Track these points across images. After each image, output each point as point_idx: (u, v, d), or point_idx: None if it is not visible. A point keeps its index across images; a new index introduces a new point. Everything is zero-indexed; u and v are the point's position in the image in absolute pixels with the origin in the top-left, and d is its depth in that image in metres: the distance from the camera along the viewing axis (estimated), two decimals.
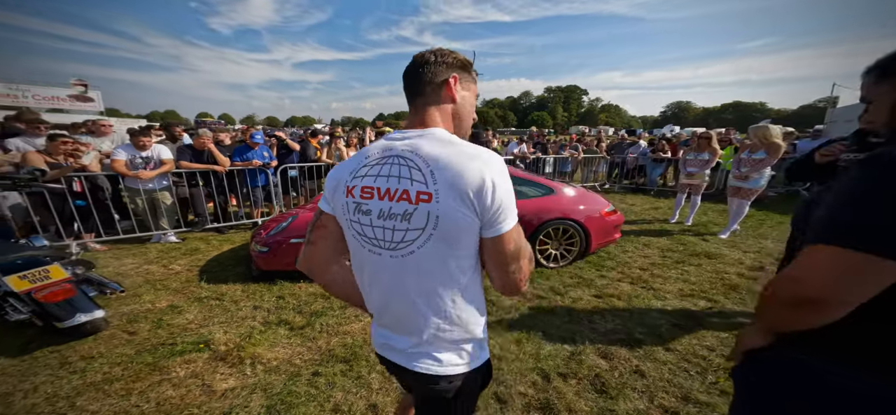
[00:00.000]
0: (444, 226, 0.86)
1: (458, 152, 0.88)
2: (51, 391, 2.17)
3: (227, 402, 2.15)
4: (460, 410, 1.10)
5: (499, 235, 0.88)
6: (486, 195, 0.84)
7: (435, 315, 0.96)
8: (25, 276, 2.61)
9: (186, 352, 2.60)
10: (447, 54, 0.99)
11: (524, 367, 2.54)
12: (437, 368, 1.00)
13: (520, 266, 0.94)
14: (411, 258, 0.91)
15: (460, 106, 1.01)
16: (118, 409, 2.05)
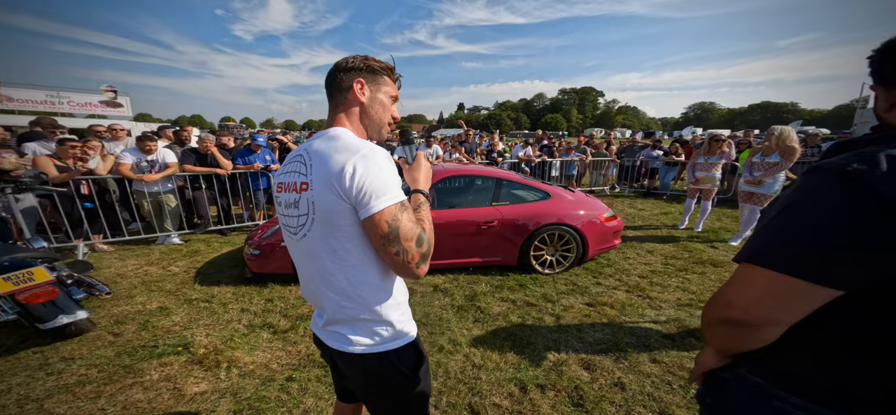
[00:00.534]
0: (320, 210, 0.98)
1: (333, 147, 0.99)
2: (24, 393, 2.16)
3: (195, 406, 2.10)
4: (382, 394, 1.16)
5: (368, 216, 0.95)
6: (345, 179, 0.93)
7: (332, 292, 1.06)
8: (9, 278, 2.62)
9: (165, 354, 2.57)
10: (355, 60, 1.11)
11: (503, 377, 2.44)
12: (347, 346, 1.08)
13: (403, 248, 0.97)
14: (305, 241, 1.04)
15: (368, 107, 1.12)
16: (83, 412, 2.02)
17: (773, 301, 0.73)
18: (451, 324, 3.08)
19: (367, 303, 1.06)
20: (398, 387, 1.14)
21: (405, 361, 1.14)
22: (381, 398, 1.17)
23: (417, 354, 1.18)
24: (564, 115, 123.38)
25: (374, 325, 1.09)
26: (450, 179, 4.30)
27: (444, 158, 7.68)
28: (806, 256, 0.68)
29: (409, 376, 1.15)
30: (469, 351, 2.73)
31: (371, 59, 1.13)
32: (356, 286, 1.04)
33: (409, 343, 1.16)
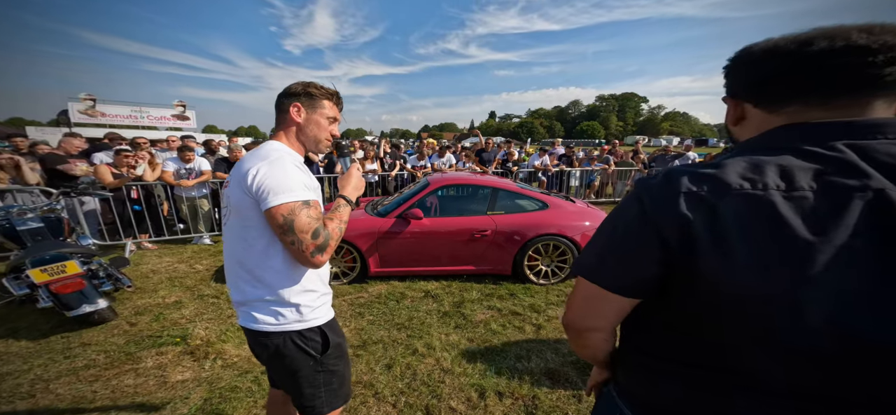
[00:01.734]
0: (233, 204, 1.17)
1: (252, 154, 1.19)
2: (39, 374, 2.41)
3: (172, 392, 2.25)
4: (285, 372, 1.28)
5: (266, 209, 1.10)
6: (247, 179, 1.11)
7: (243, 273, 1.20)
8: (46, 269, 2.95)
9: (164, 344, 2.77)
10: (296, 86, 1.28)
11: (466, 382, 2.43)
12: (253, 324, 1.20)
13: (298, 238, 1.11)
14: (226, 228, 1.23)
15: (304, 127, 1.28)
16: (79, 393, 2.22)
17: (584, 306, 0.77)
18: (431, 329, 3.07)
19: (271, 286, 1.18)
20: (302, 366, 1.25)
21: (310, 343, 1.25)
22: (286, 377, 1.30)
23: (324, 338, 1.28)
24: (602, 122, 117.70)
25: (278, 306, 1.20)
26: (446, 187, 4.30)
27: (458, 167, 7.66)
28: (598, 261, 0.72)
29: (314, 358, 1.26)
30: (441, 356, 2.71)
31: (312, 87, 1.29)
32: (262, 270, 1.18)
33: (316, 327, 1.26)
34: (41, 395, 2.19)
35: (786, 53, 0.62)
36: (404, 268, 3.96)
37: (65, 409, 2.09)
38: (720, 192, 0.58)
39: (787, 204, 0.55)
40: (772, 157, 0.60)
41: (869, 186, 0.52)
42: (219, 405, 2.13)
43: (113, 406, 2.12)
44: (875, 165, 0.54)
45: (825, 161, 0.57)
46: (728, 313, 0.60)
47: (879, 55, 0.56)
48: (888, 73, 0.57)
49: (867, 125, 0.58)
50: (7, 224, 3.70)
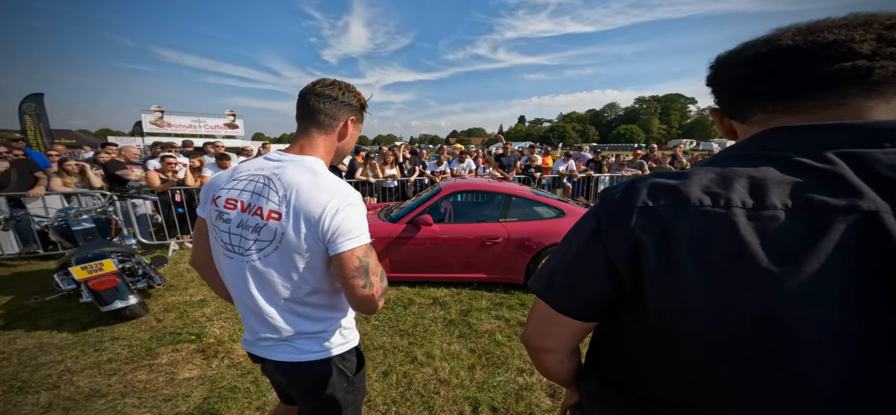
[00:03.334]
0: (287, 242, 0.97)
1: (314, 184, 0.98)
2: (69, 366, 2.57)
3: (177, 390, 2.31)
4: (321, 396, 1.17)
5: (340, 252, 0.96)
6: (325, 220, 0.94)
7: (286, 308, 1.05)
8: (86, 267, 3.16)
9: (181, 342, 2.88)
10: (351, 96, 1.09)
11: (462, 395, 2.35)
12: (299, 356, 1.09)
13: (370, 281, 1.00)
14: (258, 263, 1.00)
15: (346, 143, 1.13)
16: (95, 386, 2.34)
17: (538, 326, 0.72)
18: (433, 337, 2.99)
19: (319, 318, 1.09)
20: (338, 388, 1.17)
21: (347, 365, 1.18)
22: (321, 401, 1.18)
23: (359, 357, 1.24)
24: (642, 125, 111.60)
25: (327, 334, 1.12)
26: (458, 193, 4.20)
27: (479, 172, 7.51)
28: (549, 280, 0.65)
29: (349, 378, 1.19)
30: (439, 365, 2.62)
31: (361, 97, 1.13)
32: (311, 304, 1.07)
33: (353, 348, 1.20)
34: (64, 386, 2.33)
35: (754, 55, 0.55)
36: (414, 274, 3.90)
37: (79, 400, 2.20)
38: (677, 207, 0.50)
39: (751, 226, 0.46)
40: (748, 167, 0.50)
41: (857, 207, 0.42)
42: (215, 405, 2.16)
43: (120, 400, 2.21)
44: (873, 180, 0.43)
45: (809, 173, 0.46)
46: (677, 346, 0.53)
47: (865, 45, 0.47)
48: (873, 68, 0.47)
49: (871, 129, 0.47)
50: (64, 224, 4.05)
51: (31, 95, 10.73)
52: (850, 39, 0.48)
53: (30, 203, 5.04)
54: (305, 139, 1.07)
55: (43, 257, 5.01)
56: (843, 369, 0.41)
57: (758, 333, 0.45)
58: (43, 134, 10.61)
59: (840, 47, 0.48)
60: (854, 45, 0.48)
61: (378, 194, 6.90)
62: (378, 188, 6.90)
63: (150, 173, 5.59)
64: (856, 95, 0.49)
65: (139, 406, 2.15)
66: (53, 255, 5.00)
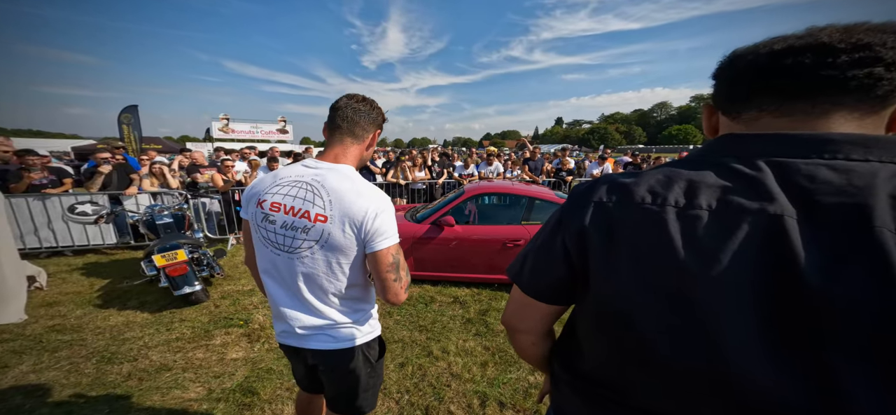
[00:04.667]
0: (333, 241, 1.10)
1: (352, 190, 1.11)
2: (147, 341, 3.03)
3: (225, 368, 2.66)
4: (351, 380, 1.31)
5: (378, 250, 1.10)
6: (367, 222, 1.08)
7: (325, 299, 1.17)
8: (164, 255, 3.69)
9: (232, 326, 3.28)
10: (377, 112, 1.25)
11: (472, 389, 2.48)
12: (334, 344, 1.23)
13: (400, 275, 1.15)
14: (303, 261, 1.13)
15: (370, 152, 1.29)
16: (164, 360, 2.76)
17: (513, 307, 0.77)
18: (451, 334, 3.13)
19: (354, 308, 1.24)
20: (362, 374, 1.31)
21: (371, 352, 1.33)
22: (348, 386, 1.32)
23: (381, 345, 1.39)
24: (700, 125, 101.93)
25: (359, 323, 1.26)
26: (482, 196, 4.29)
27: (507, 175, 7.48)
28: (520, 263, 0.71)
29: (372, 365, 1.34)
30: (453, 360, 2.76)
31: (383, 113, 1.28)
32: (348, 296, 1.20)
33: (377, 337, 1.36)
34: (141, 359, 2.78)
35: (745, 55, 0.57)
36: (437, 273, 4.06)
37: (151, 372, 2.62)
38: (624, 204, 0.56)
39: (678, 223, 0.51)
40: (691, 170, 0.55)
41: (765, 211, 0.47)
42: (253, 383, 2.47)
43: (181, 374, 2.59)
44: (789, 187, 0.48)
45: (738, 179, 0.51)
46: (614, 329, 0.58)
47: (843, 55, 0.48)
48: (852, 76, 0.48)
49: (804, 140, 0.50)
50: (150, 219, 4.70)
51: (128, 107, 12.30)
52: (882, 43, 0.47)
53: (125, 200, 5.88)
54: (340, 148, 1.19)
55: (134, 247, 5.81)
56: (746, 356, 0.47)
57: (673, 317, 0.51)
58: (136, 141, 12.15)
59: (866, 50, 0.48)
60: (881, 50, 0.47)
61: (407, 196, 7.15)
62: (408, 190, 7.15)
63: (215, 175, 6.27)
64: (834, 103, 0.50)
65: (195, 381, 2.52)
66: (142, 245, 5.80)
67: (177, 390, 2.40)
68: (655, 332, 0.53)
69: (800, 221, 0.45)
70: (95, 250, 5.68)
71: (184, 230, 4.82)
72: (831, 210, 0.45)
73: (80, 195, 5.52)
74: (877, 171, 0.46)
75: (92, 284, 4.34)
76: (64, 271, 4.77)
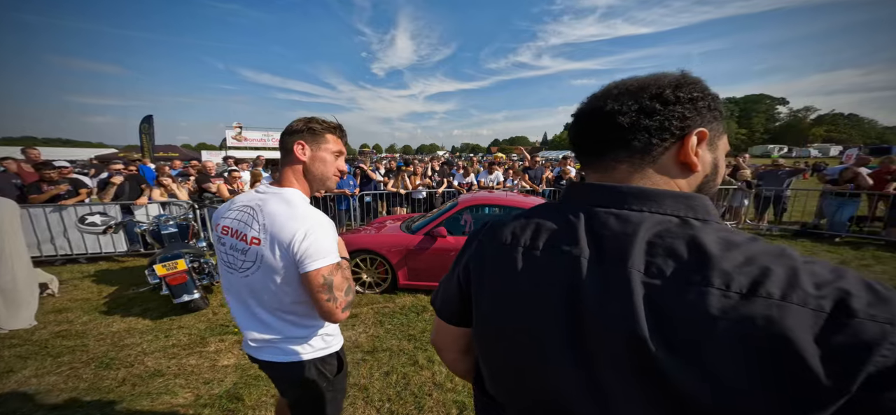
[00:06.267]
0: (266, 263, 1.14)
1: (289, 213, 1.14)
2: (145, 347, 3.14)
3: (216, 374, 2.73)
4: (306, 393, 1.34)
5: (304, 272, 1.11)
6: (295, 245, 1.10)
7: (268, 317, 1.22)
8: (165, 264, 3.81)
9: (227, 333, 3.36)
10: (298, 123, 1.24)
11: (452, 399, 2.52)
12: (283, 357, 1.26)
13: (334, 295, 1.14)
14: (249, 279, 1.19)
15: (309, 165, 1.23)
16: (158, 366, 2.85)
17: (434, 330, 0.85)
18: None
19: (302, 324, 1.26)
20: (318, 387, 1.33)
21: (328, 367, 1.35)
22: (303, 399, 1.36)
23: (339, 362, 1.40)
24: None
25: (308, 339, 1.28)
26: (474, 207, 4.31)
27: (508, 185, 7.47)
28: (436, 293, 0.81)
29: (329, 380, 1.35)
30: (437, 370, 2.78)
31: (313, 122, 1.24)
32: (293, 312, 1.23)
33: (334, 353, 1.37)
34: (137, 364, 2.87)
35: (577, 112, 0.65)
36: (430, 283, 4.10)
37: (144, 377, 2.71)
38: (493, 243, 0.66)
39: (522, 259, 0.61)
40: (544, 215, 0.64)
41: (571, 252, 0.56)
42: (241, 390, 2.53)
43: (173, 380, 2.67)
44: (590, 232, 0.57)
45: (564, 224, 0.60)
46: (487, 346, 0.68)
47: (623, 117, 0.57)
48: (632, 137, 0.57)
49: (607, 191, 0.59)
50: (156, 229, 4.86)
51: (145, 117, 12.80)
52: (619, 111, 0.57)
53: (136, 210, 6.09)
54: (282, 174, 1.25)
55: (144, 255, 6.00)
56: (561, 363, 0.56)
57: (519, 336, 0.61)
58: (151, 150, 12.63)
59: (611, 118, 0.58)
60: (620, 118, 0.57)
61: (408, 205, 7.23)
62: (408, 199, 7.24)
63: (221, 185, 6.45)
64: (625, 159, 0.59)
65: (185, 386, 2.60)
66: (151, 254, 5.98)
67: (166, 396, 2.48)
68: (507, 348, 0.63)
69: (591, 261, 0.55)
70: (108, 258, 5.89)
71: (188, 239, 4.97)
72: (609, 251, 0.54)
73: (94, 205, 5.75)
74: (644, 219, 0.55)
75: (101, 291, 4.50)
76: (77, 278, 4.96)
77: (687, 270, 0.49)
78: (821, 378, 0.43)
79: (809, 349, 0.43)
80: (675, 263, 0.50)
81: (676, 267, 0.50)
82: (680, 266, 0.50)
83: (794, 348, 0.43)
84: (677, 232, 0.53)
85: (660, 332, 0.49)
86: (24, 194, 5.42)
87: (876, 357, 0.42)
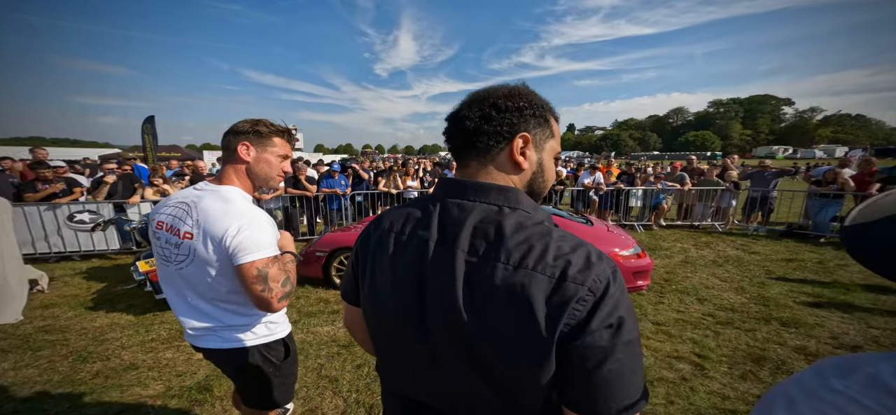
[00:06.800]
0: (199, 256, 1.19)
1: (224, 210, 1.19)
2: (124, 341, 3.18)
3: (189, 367, 2.78)
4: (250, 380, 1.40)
5: (240, 264, 1.15)
6: (226, 240, 1.15)
7: (207, 307, 1.27)
8: (148, 261, 3.88)
9: None
10: (244, 124, 1.28)
11: None
12: (223, 344, 1.31)
13: (269, 287, 1.18)
14: (183, 271, 1.23)
15: (253, 165, 1.29)
16: (134, 359, 2.90)
17: (344, 312, 0.94)
18: None
19: (241, 313, 1.30)
20: (264, 373, 1.38)
21: (274, 353, 1.40)
22: (250, 383, 1.41)
23: (286, 348, 1.45)
24: (719, 131, 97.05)
25: (250, 326, 1.33)
26: None
27: None
28: (343, 279, 0.90)
29: (276, 365, 1.40)
30: None
31: (260, 124, 1.29)
32: (230, 304, 1.28)
33: (280, 339, 1.42)
34: (113, 358, 2.92)
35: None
36: None
37: (118, 370, 2.76)
38: (377, 231, 0.75)
39: (394, 244, 0.70)
40: (417, 206, 0.74)
41: (423, 237, 0.66)
42: (212, 382, 2.58)
43: (146, 372, 2.72)
44: (440, 220, 0.67)
45: (425, 213, 0.70)
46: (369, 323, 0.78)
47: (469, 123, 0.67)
48: (477, 140, 0.68)
49: (457, 185, 0.69)
50: (144, 226, 4.93)
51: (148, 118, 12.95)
52: (467, 117, 0.68)
53: (129, 209, 6.17)
54: (222, 171, 1.29)
55: (136, 253, 6.06)
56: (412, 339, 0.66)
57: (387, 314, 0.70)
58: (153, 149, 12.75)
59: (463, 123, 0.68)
60: (468, 123, 0.68)
61: None
62: (400, 199, 7.30)
63: None
64: (473, 158, 0.70)
65: (157, 379, 2.64)
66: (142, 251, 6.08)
67: (137, 388, 2.53)
68: (380, 325, 0.74)
69: (437, 243, 0.65)
70: (101, 255, 5.97)
71: None
72: (448, 235, 0.64)
73: (88, 204, 5.84)
74: (475, 208, 0.65)
75: (90, 287, 4.57)
76: (68, 275, 5.03)
77: (490, 249, 0.60)
78: (542, 329, 0.55)
79: (540, 307, 0.55)
80: (485, 244, 0.61)
81: (486, 246, 0.60)
82: (488, 246, 0.60)
83: (533, 305, 0.55)
84: (493, 218, 0.63)
85: (470, 301, 0.59)
86: (20, 193, 5.52)
87: (569, 311, 0.54)
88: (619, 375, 0.54)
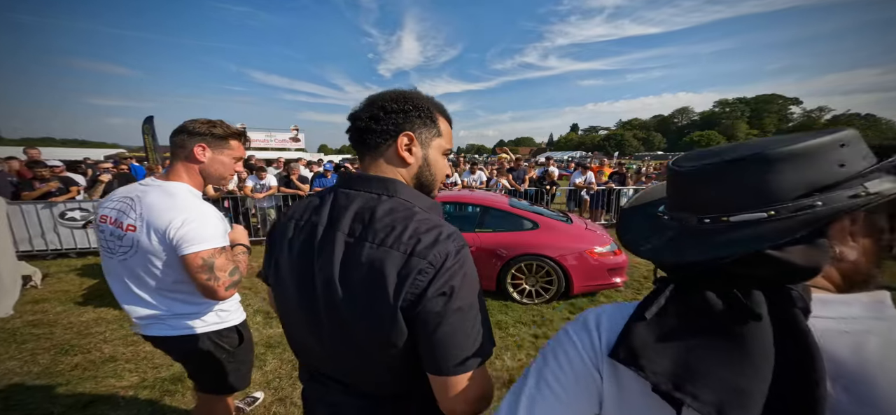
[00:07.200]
0: (143, 247, 1.23)
1: (168, 204, 1.24)
2: (107, 335, 3.24)
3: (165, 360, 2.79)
4: (202, 367, 1.45)
5: (185, 254, 1.20)
6: (169, 232, 1.20)
7: (152, 298, 1.31)
8: None
9: None
10: (201, 126, 1.32)
11: None
12: (172, 332, 1.35)
13: (215, 275, 1.23)
14: (126, 263, 1.27)
15: (207, 166, 1.34)
16: (114, 352, 2.96)
17: (268, 291, 0.97)
18: None
19: (190, 302, 1.34)
20: (217, 359, 1.42)
21: (227, 340, 1.44)
22: (203, 369, 1.45)
23: (240, 335, 1.50)
24: (725, 131, 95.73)
25: (200, 314, 1.36)
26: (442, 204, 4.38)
27: (491, 183, 7.51)
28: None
29: (229, 352, 1.45)
30: None
31: (218, 127, 1.33)
32: (177, 293, 1.32)
33: (233, 327, 1.47)
34: (94, 351, 2.99)
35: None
36: None
37: (97, 363, 2.82)
38: (285, 218, 0.82)
39: (292, 230, 0.77)
40: (318, 196, 0.80)
41: (314, 222, 0.74)
42: (183, 374, 2.63)
43: (124, 364, 2.78)
44: (332, 207, 0.74)
45: (321, 202, 0.77)
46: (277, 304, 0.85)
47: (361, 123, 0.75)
48: (367, 138, 0.75)
49: (350, 177, 0.76)
50: None
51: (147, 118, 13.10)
52: (359, 117, 0.76)
53: None
54: (171, 167, 1.33)
55: None
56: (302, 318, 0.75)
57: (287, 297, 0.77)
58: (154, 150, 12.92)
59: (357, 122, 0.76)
60: (360, 123, 0.75)
61: None
62: None
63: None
64: (366, 154, 0.77)
65: (133, 371, 2.70)
66: None
67: (112, 379, 2.58)
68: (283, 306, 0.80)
69: (325, 228, 0.71)
70: (96, 252, 6.06)
71: None
72: (335, 220, 0.71)
73: (83, 202, 5.95)
74: (359, 196, 0.72)
75: (82, 283, 4.66)
76: (63, 271, 5.13)
77: (364, 231, 0.67)
78: (390, 297, 0.62)
79: (392, 279, 0.62)
80: (361, 226, 0.68)
81: (361, 229, 0.67)
82: (363, 228, 0.67)
83: (386, 278, 0.62)
84: (371, 205, 0.70)
85: (345, 278, 0.66)
86: (18, 192, 5.64)
87: (411, 281, 0.62)
88: (452, 336, 0.62)
